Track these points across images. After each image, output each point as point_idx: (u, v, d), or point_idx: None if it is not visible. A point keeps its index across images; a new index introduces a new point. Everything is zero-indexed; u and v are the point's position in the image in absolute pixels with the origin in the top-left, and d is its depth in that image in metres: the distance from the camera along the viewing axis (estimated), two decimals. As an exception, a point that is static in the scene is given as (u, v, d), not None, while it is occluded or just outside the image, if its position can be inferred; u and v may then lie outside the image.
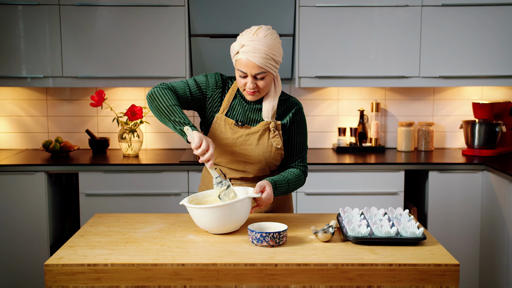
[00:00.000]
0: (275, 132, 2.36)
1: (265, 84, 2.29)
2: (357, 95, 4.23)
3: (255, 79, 2.27)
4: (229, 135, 2.35)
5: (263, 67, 2.23)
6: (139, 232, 2.21)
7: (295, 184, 2.37)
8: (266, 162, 2.38)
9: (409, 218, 2.23)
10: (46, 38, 3.78)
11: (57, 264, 1.89)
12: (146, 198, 3.65)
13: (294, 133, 2.42)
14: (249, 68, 2.24)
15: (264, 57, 2.22)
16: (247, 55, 2.22)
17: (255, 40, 2.22)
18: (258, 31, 2.25)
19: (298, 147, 2.42)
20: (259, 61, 2.22)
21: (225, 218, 2.11)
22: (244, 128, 2.36)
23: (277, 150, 2.38)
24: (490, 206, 3.56)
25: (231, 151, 2.36)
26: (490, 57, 3.84)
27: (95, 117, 4.22)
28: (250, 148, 2.36)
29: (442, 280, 1.89)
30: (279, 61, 2.30)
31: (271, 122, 2.35)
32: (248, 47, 2.22)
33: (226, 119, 2.36)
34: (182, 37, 3.80)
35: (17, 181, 3.59)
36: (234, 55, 2.29)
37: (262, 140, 2.36)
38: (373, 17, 3.81)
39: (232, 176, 2.42)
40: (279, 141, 2.36)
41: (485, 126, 3.93)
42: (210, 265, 1.89)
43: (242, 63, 2.25)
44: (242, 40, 2.25)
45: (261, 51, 2.21)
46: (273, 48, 2.24)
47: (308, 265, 1.89)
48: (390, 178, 3.68)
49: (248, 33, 2.26)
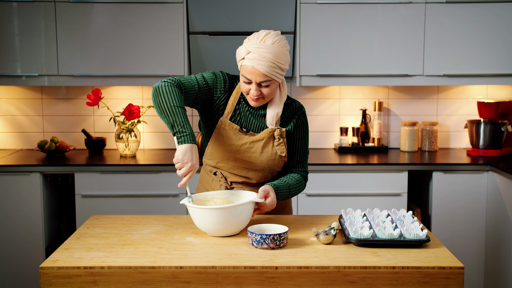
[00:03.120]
0: (280, 140, 2.35)
1: (270, 91, 2.26)
2: (360, 94, 4.23)
3: (259, 86, 2.25)
4: (234, 141, 2.34)
5: (268, 75, 2.21)
6: (136, 234, 2.21)
7: (296, 189, 2.37)
8: (269, 169, 2.39)
9: (413, 219, 2.23)
10: (42, 36, 3.78)
11: (53, 267, 1.90)
12: (143, 199, 3.65)
13: (297, 138, 2.41)
14: (254, 75, 2.21)
15: (270, 65, 2.19)
16: (253, 62, 2.19)
17: (262, 47, 2.19)
18: (266, 37, 2.20)
19: (300, 152, 2.42)
20: (265, 70, 2.19)
21: (227, 220, 2.11)
22: (249, 135, 2.34)
23: (281, 158, 2.38)
24: (496, 207, 3.56)
25: (234, 158, 2.35)
26: (496, 55, 3.84)
27: (92, 116, 4.21)
28: (254, 156, 2.35)
29: (447, 283, 1.89)
30: (286, 69, 2.27)
31: (276, 130, 2.33)
32: (254, 54, 2.19)
33: (230, 124, 2.34)
34: (180, 34, 3.80)
35: (12, 182, 3.58)
36: (239, 60, 2.26)
37: (267, 148, 2.35)
38: (375, 14, 3.81)
39: (233, 180, 2.42)
40: (283, 149, 2.36)
41: (491, 126, 3.93)
42: (209, 268, 1.89)
43: (248, 70, 2.22)
44: (248, 46, 2.22)
45: (267, 59, 2.18)
46: (280, 56, 2.20)
47: (309, 268, 1.89)
48: (393, 179, 3.68)
49: (255, 38, 2.22)
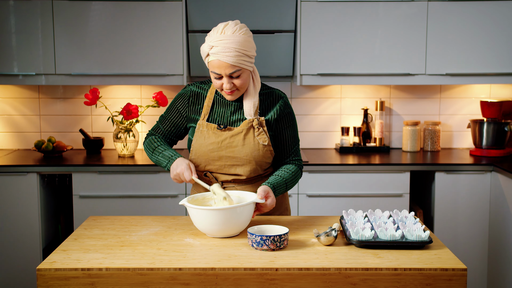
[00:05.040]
0: (260, 129, 2.35)
1: (242, 81, 2.27)
2: (361, 93, 4.22)
3: (230, 79, 2.26)
4: (213, 139, 2.36)
5: (236, 65, 2.22)
6: (134, 236, 2.21)
7: (293, 181, 2.39)
8: (256, 161, 2.38)
9: (415, 220, 2.23)
10: (39, 34, 3.77)
11: (50, 268, 1.89)
12: (142, 200, 3.64)
13: (284, 128, 2.41)
14: (223, 68, 2.22)
15: (236, 55, 2.20)
16: (218, 56, 2.20)
17: (224, 39, 2.19)
18: (225, 28, 2.22)
19: (289, 141, 2.43)
20: (231, 60, 2.20)
21: (228, 221, 2.11)
22: (227, 130, 2.36)
23: (265, 148, 2.37)
24: (499, 208, 3.55)
25: (218, 156, 2.36)
26: (499, 54, 3.83)
27: (89, 116, 4.20)
28: (236, 150, 2.35)
29: (449, 285, 1.88)
30: (253, 55, 2.28)
31: (254, 120, 2.34)
32: (217, 48, 2.20)
33: (208, 125, 2.37)
34: (179, 33, 3.79)
35: (8, 182, 3.57)
36: (205, 58, 2.27)
37: (248, 140, 2.35)
38: (377, 12, 3.80)
39: (224, 179, 2.41)
40: (265, 138, 2.36)
41: (494, 126, 3.93)
42: (209, 270, 1.89)
43: (215, 65, 2.23)
44: (210, 41, 2.22)
45: (231, 49, 2.19)
46: (243, 44, 2.21)
47: (310, 269, 1.89)
48: (395, 179, 3.66)
49: (215, 32, 2.23)
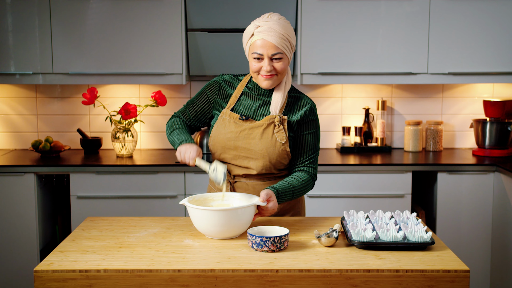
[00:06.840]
0: (280, 127, 2.37)
1: (283, 66, 2.31)
2: (362, 92, 4.21)
3: (271, 61, 2.30)
4: (233, 128, 2.39)
5: (279, 47, 2.27)
6: (133, 237, 2.21)
7: (301, 190, 2.37)
8: (270, 158, 2.38)
9: (417, 221, 2.22)
10: (36, 33, 3.76)
11: (47, 270, 1.89)
12: (140, 201, 3.63)
13: (306, 133, 2.42)
14: (266, 48, 2.27)
15: (281, 37, 2.26)
16: (263, 34, 2.26)
17: (270, 21, 2.27)
18: (271, 14, 2.31)
19: (308, 147, 2.43)
20: (276, 40, 2.26)
21: (228, 222, 2.10)
22: (249, 122, 2.39)
23: (281, 146, 2.37)
24: (502, 209, 3.54)
25: (234, 146, 2.39)
26: (502, 53, 3.82)
27: (87, 115, 4.19)
28: (253, 142, 2.37)
29: (452, 286, 1.88)
30: (294, 46, 2.34)
31: (277, 117, 2.36)
32: (263, 27, 2.27)
33: (231, 114, 2.41)
34: (178, 31, 3.78)
35: (5, 182, 3.57)
36: (248, 40, 2.31)
37: (266, 135, 2.37)
38: (379, 10, 3.79)
39: (236, 173, 2.44)
40: (283, 136, 2.36)
41: (497, 125, 3.92)
42: (208, 271, 1.89)
43: (258, 45, 2.28)
44: (256, 22, 2.31)
45: (276, 31, 2.26)
46: (288, 29, 2.29)
47: (311, 271, 1.88)
48: (397, 180, 3.65)
49: (261, 17, 2.32)
